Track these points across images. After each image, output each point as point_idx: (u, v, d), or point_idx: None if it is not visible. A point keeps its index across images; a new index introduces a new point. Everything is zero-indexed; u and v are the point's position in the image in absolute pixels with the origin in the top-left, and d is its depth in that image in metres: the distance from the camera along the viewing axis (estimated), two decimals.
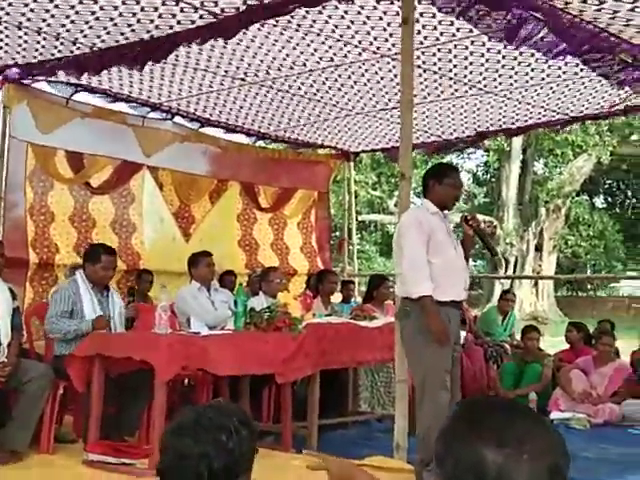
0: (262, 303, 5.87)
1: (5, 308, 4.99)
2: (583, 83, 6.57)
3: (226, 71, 6.68)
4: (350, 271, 10.01)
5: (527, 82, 6.64)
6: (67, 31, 5.61)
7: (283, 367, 4.97)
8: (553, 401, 6.84)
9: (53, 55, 6.13)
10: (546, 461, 1.11)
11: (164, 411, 4.48)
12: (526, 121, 7.89)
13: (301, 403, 5.43)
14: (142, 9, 5.16)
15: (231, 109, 7.86)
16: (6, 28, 5.60)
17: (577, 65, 5.91)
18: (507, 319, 8.74)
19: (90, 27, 5.51)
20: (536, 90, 6.86)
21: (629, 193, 28.96)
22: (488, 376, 7.81)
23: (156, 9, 5.16)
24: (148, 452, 4.58)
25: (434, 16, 5.17)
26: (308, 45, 6.04)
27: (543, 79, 6.55)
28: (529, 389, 7.00)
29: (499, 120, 7.93)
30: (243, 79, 6.88)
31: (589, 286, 30.08)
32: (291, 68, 6.57)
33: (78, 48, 5.95)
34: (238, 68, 6.60)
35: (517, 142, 21.17)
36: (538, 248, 23.30)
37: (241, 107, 7.79)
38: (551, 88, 6.78)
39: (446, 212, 4.60)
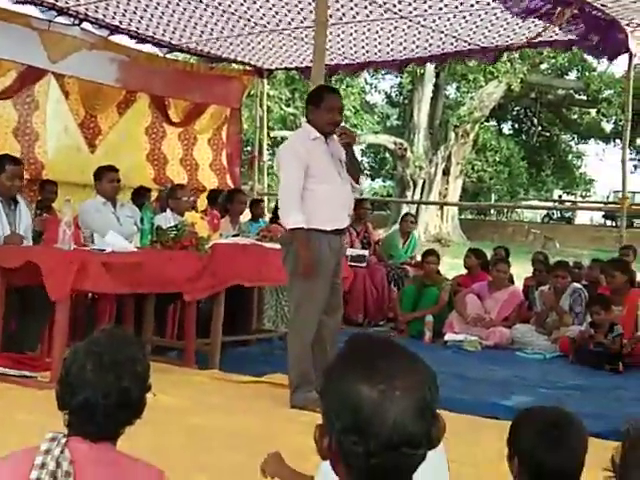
0: (169, 221, 5.85)
1: None
2: (495, 14, 6.65)
3: None
4: (260, 189, 10.04)
5: (441, 9, 6.68)
6: None
7: (189, 286, 5.02)
8: (448, 324, 7.14)
9: None
10: (416, 396, 1.21)
11: (66, 327, 4.48)
12: (439, 49, 7.95)
13: (206, 320, 5.50)
14: None
15: (142, 17, 7.64)
16: None
17: None
18: (408, 241, 8.97)
19: None
20: (449, 19, 6.91)
21: (535, 121, 29.59)
22: (389, 298, 8.07)
23: None
24: (49, 365, 4.59)
25: None
26: None
27: (456, 7, 6.60)
28: (426, 312, 7.26)
29: (412, 45, 7.95)
30: None
31: (492, 211, 30.98)
32: None
33: None
34: None
35: (430, 66, 21.26)
36: (445, 172, 23.72)
37: (152, 15, 7.57)
38: (464, 17, 6.84)
39: (333, 137, 4.42)
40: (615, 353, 6.04)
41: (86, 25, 7.76)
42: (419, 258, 8.33)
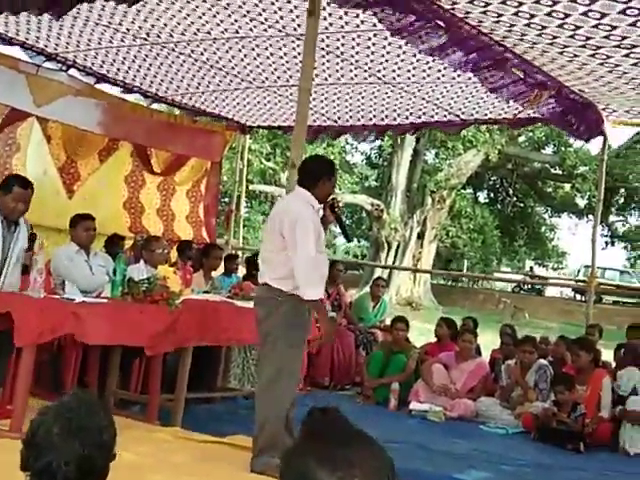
0: (142, 272, 5.85)
1: None
2: (475, 87, 6.81)
3: (128, 29, 6.57)
4: (235, 244, 10.06)
5: (424, 78, 6.84)
6: None
7: (153, 340, 4.99)
8: (414, 392, 7.12)
9: None
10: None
11: (30, 375, 4.44)
12: (419, 117, 8.12)
13: (171, 375, 5.46)
14: None
15: (129, 67, 7.73)
16: None
17: (470, 71, 6.11)
18: (379, 305, 9.01)
19: None
20: (432, 87, 7.08)
21: (511, 191, 30.02)
22: (357, 362, 8.06)
23: None
24: (10, 413, 4.52)
25: (341, 6, 5.24)
26: (214, 16, 6.02)
27: (439, 78, 6.77)
28: (393, 379, 7.26)
29: (394, 111, 8.11)
30: (145, 39, 6.78)
31: (463, 277, 31.17)
32: (195, 34, 6.52)
33: None
34: (141, 28, 6.50)
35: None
36: (420, 236, 23.92)
37: (140, 67, 7.67)
38: (445, 87, 7.00)
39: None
40: (577, 433, 6.07)
41: (73, 72, 7.84)
42: (389, 322, 8.35)
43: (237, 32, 6.30)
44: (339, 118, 8.63)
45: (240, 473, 4.27)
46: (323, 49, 6.30)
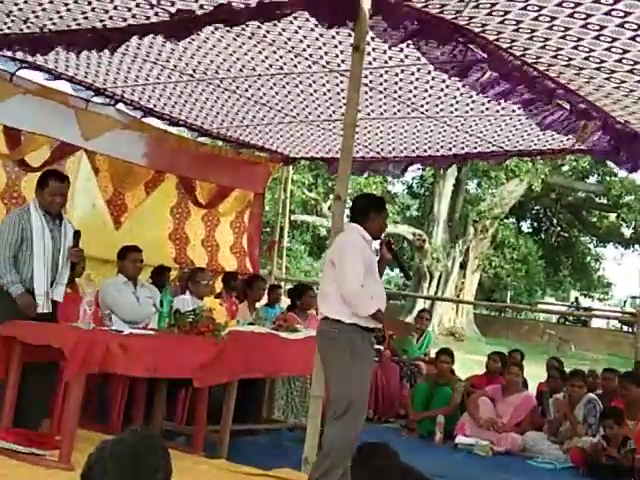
0: (188, 304, 5.89)
1: None
2: (519, 119, 6.79)
3: (175, 66, 6.67)
4: (278, 274, 10.09)
5: (467, 112, 6.83)
6: (19, 10, 5.53)
7: (201, 372, 5.01)
8: (460, 425, 7.05)
9: (1, 30, 6.03)
10: None
11: (78, 407, 4.48)
12: (462, 148, 8.10)
13: (216, 407, 5.48)
14: None
15: (175, 102, 7.85)
16: None
17: (516, 103, 6.10)
18: (423, 337, 8.95)
19: (43, 9, 5.45)
20: (475, 121, 7.06)
21: (555, 221, 29.75)
22: (401, 395, 8.00)
23: (112, 1, 5.14)
24: (59, 444, 4.57)
25: (386, 42, 5.28)
26: (260, 52, 6.10)
27: (482, 112, 6.75)
28: (438, 412, 7.19)
29: (437, 144, 8.12)
30: (191, 75, 6.89)
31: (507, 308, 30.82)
32: (240, 70, 6.60)
33: (28, 27, 5.88)
34: (187, 65, 6.60)
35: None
36: (463, 266, 23.78)
37: (185, 101, 7.78)
38: (489, 120, 6.99)
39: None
40: (627, 468, 5.94)
41: (121, 106, 7.99)
42: (433, 354, 8.28)
43: (282, 68, 6.37)
44: (382, 150, 8.66)
45: None
46: (366, 85, 6.32)
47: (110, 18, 5.44)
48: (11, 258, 5.05)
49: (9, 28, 5.93)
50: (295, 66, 6.29)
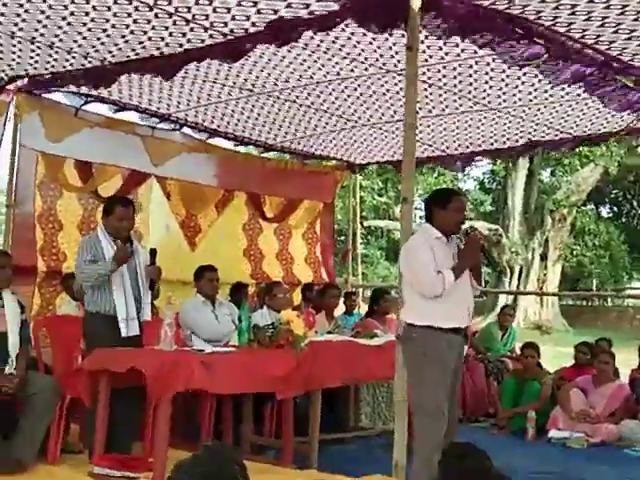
0: (266, 318, 5.95)
1: (14, 320, 5.09)
2: (586, 104, 6.63)
3: (234, 83, 6.75)
4: (354, 281, 10.09)
5: (530, 101, 6.71)
6: (79, 46, 5.69)
7: (284, 384, 5.05)
8: (552, 419, 6.89)
9: (64, 67, 6.21)
10: None
11: (167, 428, 4.56)
12: (530, 138, 7.95)
13: (302, 418, 5.50)
14: (153, 27, 5.24)
15: (238, 120, 7.94)
16: (19, 42, 5.69)
17: (580, 87, 5.96)
18: (507, 334, 8.80)
19: (102, 43, 5.60)
20: (539, 109, 6.93)
21: (635, 204, 28.94)
22: (489, 392, 7.88)
23: (167, 28, 5.25)
24: (151, 466, 4.66)
25: (439, 38, 5.23)
26: (315, 61, 6.12)
27: (546, 99, 6.61)
28: (528, 407, 7.04)
29: (503, 136, 8.00)
30: (251, 90, 6.96)
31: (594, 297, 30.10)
32: (298, 80, 6.64)
33: (89, 62, 6.04)
34: (246, 80, 6.68)
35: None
36: (543, 257, 23.33)
37: (248, 117, 7.86)
38: (554, 108, 6.84)
39: (454, 238, 4.53)
40: None
41: (186, 129, 8.13)
42: (518, 351, 8.14)
43: (338, 74, 6.38)
44: (447, 147, 8.58)
45: None
46: (425, 82, 6.28)
47: (167, 45, 5.55)
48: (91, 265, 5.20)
49: (71, 65, 6.11)
50: (352, 70, 6.29)
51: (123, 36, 5.42)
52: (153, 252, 5.43)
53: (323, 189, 9.79)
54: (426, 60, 5.78)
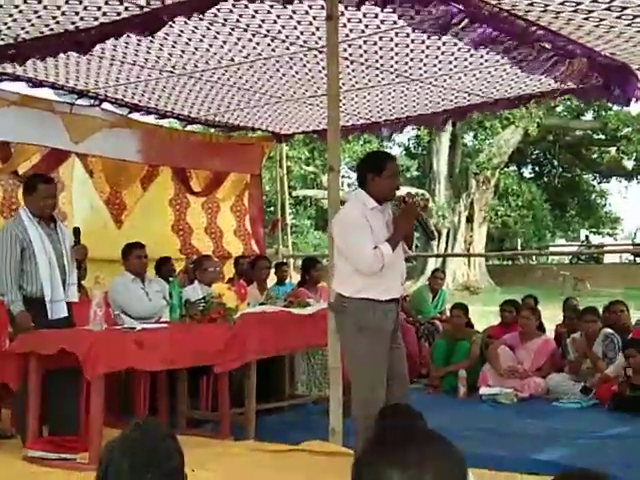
0: (197, 292, 5.94)
1: None
2: (505, 70, 6.74)
3: (153, 65, 6.65)
4: (285, 251, 10.12)
5: (451, 70, 6.78)
6: None
7: (219, 358, 5.06)
8: (482, 377, 7.08)
9: None
10: (448, 476, 1.26)
11: (102, 407, 4.54)
12: (452, 106, 8.06)
13: (238, 389, 5.53)
14: (67, 1, 5.10)
15: (160, 96, 7.83)
16: None
17: (498, 53, 6.05)
18: (437, 297, 8.98)
19: (14, 20, 5.44)
20: (460, 77, 7.02)
21: (555, 163, 29.62)
22: (420, 354, 8.04)
23: (81, 1, 5.12)
24: (87, 446, 4.63)
25: (359, 9, 5.24)
26: (236, 43, 6.05)
27: (466, 67, 6.70)
28: (459, 366, 7.21)
29: (426, 105, 8.08)
30: (171, 71, 6.87)
31: (519, 256, 30.84)
32: (219, 62, 6.58)
33: (2, 39, 5.87)
34: (167, 61, 6.58)
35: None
36: (469, 219, 23.76)
37: (170, 95, 7.76)
38: (474, 75, 6.94)
39: (389, 205, 4.42)
40: None
41: (106, 105, 7.97)
42: (448, 313, 8.31)
43: (260, 54, 6.33)
44: (371, 117, 8.63)
45: (319, 478, 4.30)
46: (346, 58, 6.28)
47: (81, 19, 5.42)
48: (14, 273, 5.04)
49: None
50: (273, 50, 6.24)
51: (36, 11, 5.27)
52: (77, 231, 5.33)
53: (249, 161, 9.73)
54: (347, 35, 5.78)
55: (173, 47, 6.12)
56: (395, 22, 5.50)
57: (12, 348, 4.92)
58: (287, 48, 6.16)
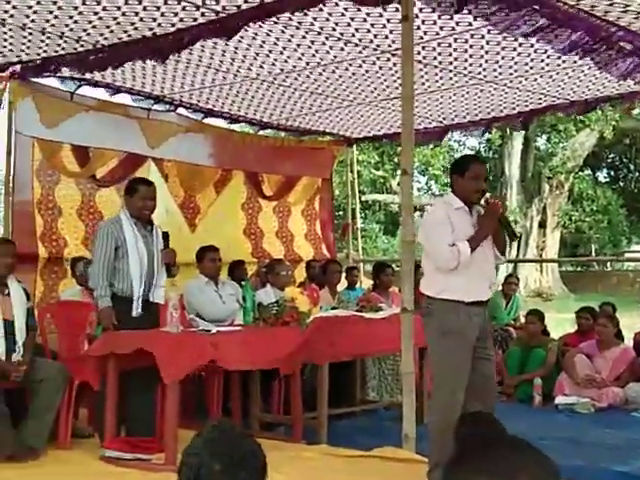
0: (270, 296, 5.97)
1: (20, 307, 5.10)
2: (582, 71, 6.60)
3: (228, 68, 6.72)
4: (355, 256, 10.10)
5: (526, 71, 6.68)
6: (70, 30, 5.65)
7: (291, 361, 5.07)
8: (558, 386, 6.93)
9: (57, 52, 6.17)
10: None
11: (177, 409, 4.59)
12: (527, 106, 7.93)
13: (310, 393, 5.54)
14: (144, 8, 5.20)
15: (233, 101, 7.92)
16: (10, 29, 5.65)
17: (576, 54, 5.92)
18: (511, 303, 8.82)
19: (93, 26, 5.56)
20: (535, 79, 6.90)
21: (632, 167, 28.87)
22: (494, 362, 7.89)
23: (158, 8, 5.21)
24: (163, 447, 4.69)
25: (433, 11, 5.19)
26: (309, 47, 6.08)
27: (542, 68, 6.58)
28: (534, 374, 7.08)
29: (499, 106, 7.97)
30: (246, 75, 6.93)
31: (593, 262, 30.14)
32: (293, 67, 6.61)
33: (82, 46, 6.00)
34: (240, 66, 6.64)
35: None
36: (542, 224, 23.34)
37: (243, 99, 7.84)
38: (551, 76, 6.81)
39: (477, 208, 4.41)
40: None
41: (181, 110, 8.09)
42: (523, 320, 8.16)
43: (333, 58, 6.34)
44: (444, 119, 8.55)
45: None
46: (420, 61, 6.23)
47: (159, 25, 5.51)
48: (107, 270, 5.13)
49: (63, 49, 6.07)
50: (348, 53, 6.24)
51: (115, 18, 5.38)
52: (166, 235, 5.42)
53: (321, 165, 9.76)
54: (421, 37, 5.73)
55: (247, 50, 6.16)
56: (470, 24, 5.44)
57: (91, 350, 5.02)
58: (360, 52, 6.15)
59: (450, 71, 6.67)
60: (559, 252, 24.12)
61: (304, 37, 5.84)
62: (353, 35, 5.76)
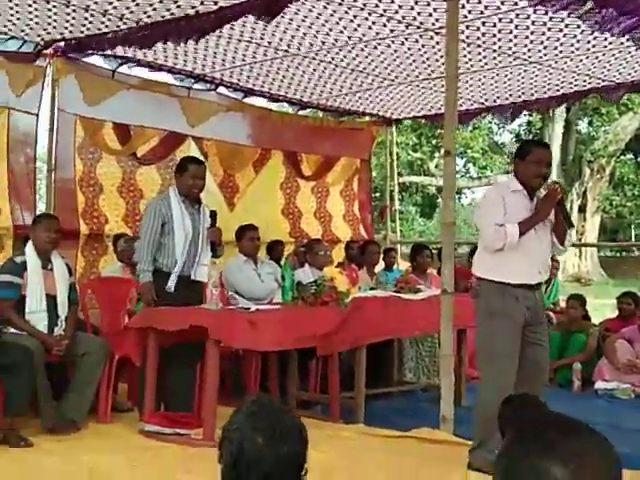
0: (308, 275, 5.97)
1: (63, 283, 5.16)
2: (630, 52, 6.47)
3: (269, 42, 6.69)
4: (393, 237, 10.06)
5: (572, 52, 6.56)
6: (114, 7, 5.68)
7: (327, 341, 5.07)
8: (598, 371, 6.85)
9: (100, 30, 6.20)
10: (606, 471, 1.17)
11: (217, 384, 4.62)
12: (571, 88, 7.80)
13: (348, 373, 5.54)
14: None
15: (274, 79, 7.89)
16: (54, 7, 5.69)
17: (624, 35, 5.79)
18: (550, 286, 8.72)
19: (137, 4, 5.58)
20: (581, 60, 6.78)
21: None
22: None
23: None
24: (201, 422, 4.73)
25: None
26: (351, 21, 6.02)
27: (589, 49, 6.47)
28: (573, 359, 7.01)
29: (543, 87, 7.86)
30: (286, 51, 6.90)
31: (633, 247, 29.73)
32: (335, 41, 6.56)
33: (125, 23, 6.02)
34: (281, 40, 6.61)
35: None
36: (582, 208, 23.03)
37: (283, 77, 7.81)
38: (597, 57, 6.69)
39: (538, 194, 4.33)
40: None
41: (222, 89, 8.10)
42: (562, 304, 8.07)
43: (376, 34, 6.28)
44: (486, 100, 8.46)
45: (427, 466, 4.25)
46: (463, 41, 6.15)
47: (202, 3, 5.50)
48: (151, 245, 5.15)
49: (107, 26, 6.09)
50: (392, 30, 6.18)
51: None
52: (213, 214, 5.39)
53: (360, 145, 9.72)
54: (465, 16, 5.65)
55: (289, 24, 6.13)
56: (516, 3, 5.35)
57: (132, 323, 5.07)
58: (403, 30, 6.09)
59: (494, 51, 6.57)
60: (598, 237, 23.81)
61: (346, 12, 5.79)
62: (396, 12, 5.71)
